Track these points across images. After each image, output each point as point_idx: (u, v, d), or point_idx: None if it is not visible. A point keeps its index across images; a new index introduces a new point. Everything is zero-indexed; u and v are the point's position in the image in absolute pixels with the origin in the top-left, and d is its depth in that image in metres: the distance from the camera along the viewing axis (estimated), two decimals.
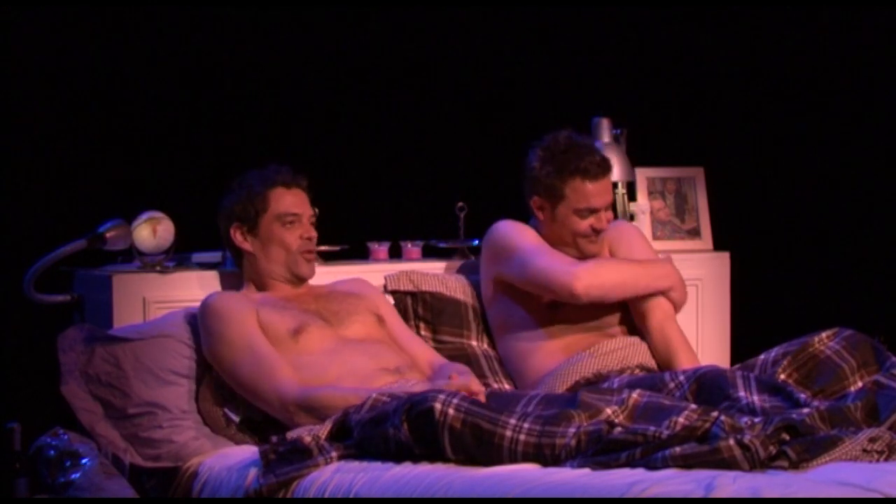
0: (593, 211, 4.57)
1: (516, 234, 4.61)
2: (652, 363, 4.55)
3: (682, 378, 3.98)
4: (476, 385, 4.05)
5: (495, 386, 4.54)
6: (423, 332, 4.68)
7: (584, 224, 4.59)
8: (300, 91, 5.58)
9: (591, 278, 4.47)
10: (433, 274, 4.79)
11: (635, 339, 4.58)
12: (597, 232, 4.59)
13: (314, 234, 4.46)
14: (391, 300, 4.68)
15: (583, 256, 4.60)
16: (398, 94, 5.71)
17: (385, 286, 4.73)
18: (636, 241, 4.72)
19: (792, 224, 5.94)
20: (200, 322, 4.29)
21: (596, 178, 4.55)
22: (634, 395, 3.79)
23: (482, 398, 3.98)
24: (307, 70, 5.58)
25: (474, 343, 4.69)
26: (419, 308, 4.72)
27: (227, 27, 5.43)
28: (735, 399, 3.80)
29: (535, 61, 5.82)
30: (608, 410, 3.70)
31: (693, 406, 3.72)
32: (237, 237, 4.43)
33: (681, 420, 3.55)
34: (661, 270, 4.61)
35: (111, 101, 5.30)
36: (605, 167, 4.58)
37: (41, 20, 5.18)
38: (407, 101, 5.70)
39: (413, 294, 4.73)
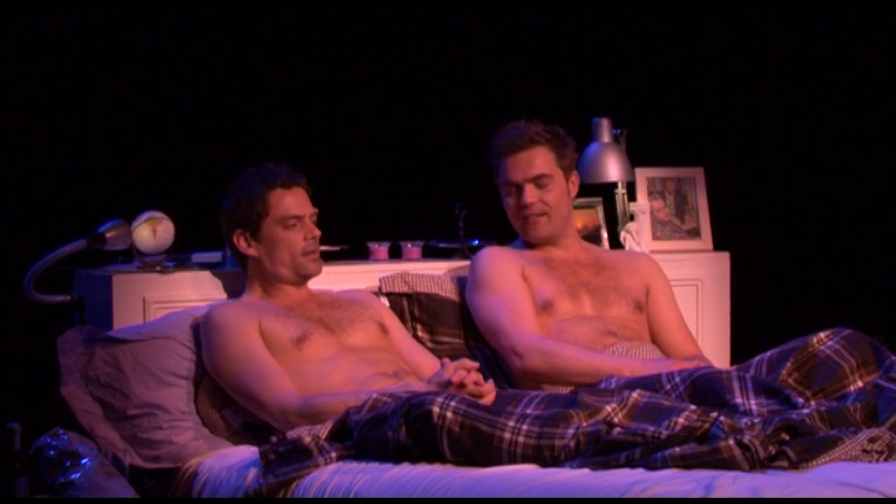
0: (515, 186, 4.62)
1: (492, 272, 4.60)
2: None
3: (677, 379, 3.97)
4: (469, 362, 4.03)
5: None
6: (420, 334, 4.67)
7: (511, 201, 4.63)
8: (300, 91, 5.58)
9: (535, 363, 4.44)
10: (428, 275, 4.76)
11: (635, 343, 4.57)
12: (523, 208, 4.61)
13: (317, 232, 4.44)
14: (386, 302, 4.66)
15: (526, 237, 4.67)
16: (398, 93, 5.71)
17: (380, 288, 4.71)
18: (670, 294, 4.75)
19: (792, 224, 5.94)
20: (202, 335, 4.29)
21: (514, 152, 4.60)
22: (634, 394, 3.78)
23: (479, 375, 3.98)
24: (307, 70, 5.58)
25: (472, 344, 4.68)
26: (415, 310, 4.70)
27: (227, 27, 5.43)
28: (732, 406, 3.79)
29: (536, 61, 5.81)
30: (608, 408, 3.70)
31: (692, 407, 3.71)
32: (241, 244, 4.41)
33: (680, 420, 3.55)
34: (609, 367, 4.38)
35: (111, 100, 5.30)
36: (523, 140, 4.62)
37: (42, 19, 5.18)
38: (407, 101, 5.70)
39: (408, 296, 4.71)
